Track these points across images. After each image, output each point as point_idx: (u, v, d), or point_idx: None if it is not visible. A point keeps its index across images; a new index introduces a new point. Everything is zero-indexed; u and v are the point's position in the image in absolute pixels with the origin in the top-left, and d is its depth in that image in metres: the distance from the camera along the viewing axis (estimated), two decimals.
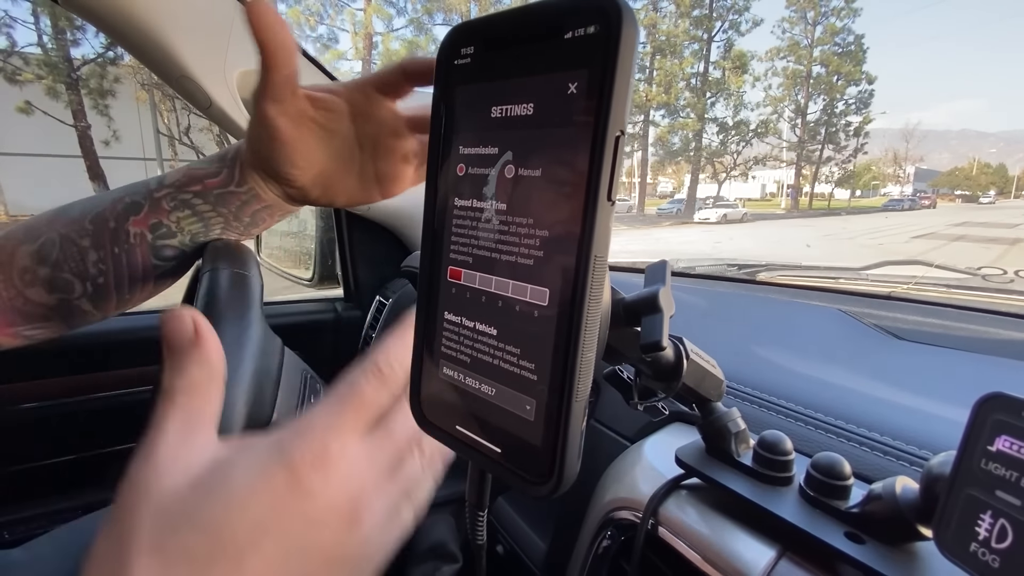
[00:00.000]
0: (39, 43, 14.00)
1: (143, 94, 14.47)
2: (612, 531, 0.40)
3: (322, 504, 0.21)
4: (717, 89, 27.09)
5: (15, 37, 13.81)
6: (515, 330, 0.24)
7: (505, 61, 0.24)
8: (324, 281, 1.19)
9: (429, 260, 0.28)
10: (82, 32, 13.92)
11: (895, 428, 0.38)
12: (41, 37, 13.99)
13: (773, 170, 41.96)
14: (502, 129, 0.24)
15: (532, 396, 0.24)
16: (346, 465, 0.22)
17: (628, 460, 0.44)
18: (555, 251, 0.22)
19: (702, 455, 0.37)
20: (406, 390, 0.25)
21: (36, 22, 13.83)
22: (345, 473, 0.22)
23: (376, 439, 0.24)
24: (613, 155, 0.20)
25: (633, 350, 0.31)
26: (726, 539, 0.32)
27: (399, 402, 0.25)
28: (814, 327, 0.66)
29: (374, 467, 0.23)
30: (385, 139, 0.44)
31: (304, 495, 0.21)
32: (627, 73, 0.20)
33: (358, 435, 0.23)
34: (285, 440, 0.22)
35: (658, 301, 0.28)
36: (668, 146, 27.94)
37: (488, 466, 0.26)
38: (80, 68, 14.10)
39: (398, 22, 20.80)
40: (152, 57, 0.70)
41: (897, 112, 74.51)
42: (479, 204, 0.26)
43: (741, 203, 30.57)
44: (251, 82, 0.78)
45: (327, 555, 0.21)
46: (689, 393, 0.35)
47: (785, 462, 0.33)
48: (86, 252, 0.45)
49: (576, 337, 0.22)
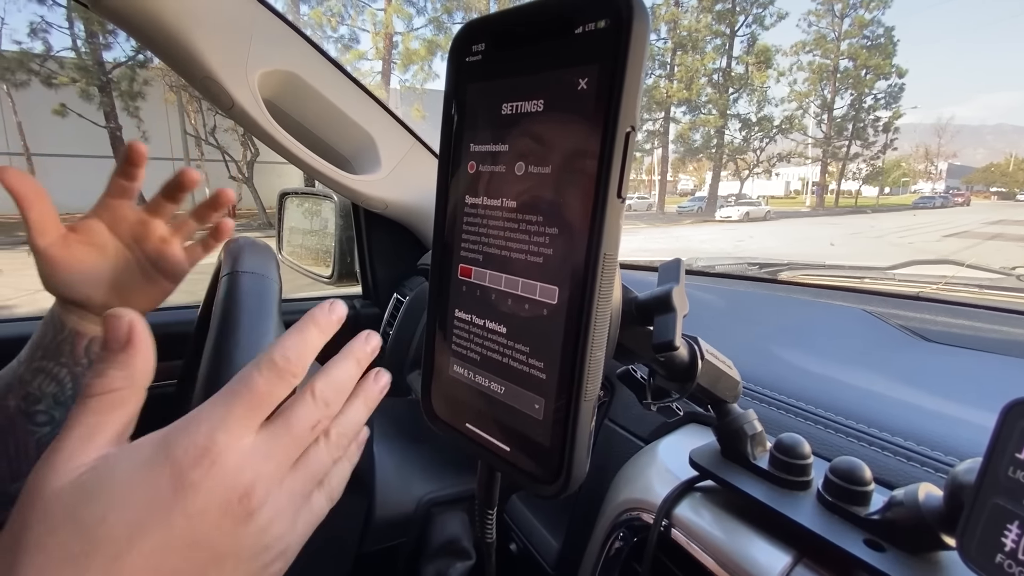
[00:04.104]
0: (73, 47, 14.46)
1: (171, 96, 14.85)
2: (624, 532, 0.39)
3: (206, 498, 0.21)
4: (740, 85, 26.58)
5: (51, 42, 14.25)
6: (524, 328, 0.24)
7: (516, 58, 0.24)
8: (343, 278, 1.21)
9: (440, 258, 0.29)
10: (114, 36, 14.34)
11: (919, 433, 0.37)
12: (75, 41, 14.45)
13: (798, 167, 41.01)
14: (513, 126, 0.24)
15: (541, 395, 0.23)
16: (235, 458, 0.22)
17: (642, 461, 0.44)
18: (564, 249, 0.22)
19: (717, 457, 0.36)
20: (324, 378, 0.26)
21: (70, 27, 14.28)
22: (234, 467, 0.22)
23: (272, 432, 0.24)
24: (623, 151, 0.20)
25: (646, 350, 0.30)
26: (740, 543, 0.32)
27: (300, 393, 0.25)
28: (836, 328, 0.64)
29: (271, 460, 0.23)
30: (138, 231, 0.52)
31: (186, 490, 0.21)
32: (638, 67, 0.20)
33: (249, 429, 0.23)
34: (170, 436, 0.22)
35: (671, 300, 0.27)
36: (689, 143, 27.52)
37: (497, 464, 0.26)
38: (112, 71, 14.53)
39: (418, 21, 20.94)
40: (177, 59, 0.71)
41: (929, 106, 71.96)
42: (489, 202, 0.26)
43: (764, 201, 29.96)
44: (272, 82, 0.79)
45: (217, 550, 0.21)
46: (704, 394, 0.35)
47: (803, 466, 0.32)
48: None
49: (585, 335, 0.21)
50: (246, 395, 0.23)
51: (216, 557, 0.21)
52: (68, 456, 0.21)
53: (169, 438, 0.22)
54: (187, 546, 0.20)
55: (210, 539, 0.21)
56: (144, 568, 0.20)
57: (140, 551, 0.20)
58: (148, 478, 0.21)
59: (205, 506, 0.21)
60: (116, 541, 0.19)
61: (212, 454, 0.21)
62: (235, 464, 0.22)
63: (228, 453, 0.22)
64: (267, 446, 0.23)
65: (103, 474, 0.21)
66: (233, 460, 0.22)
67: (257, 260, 0.49)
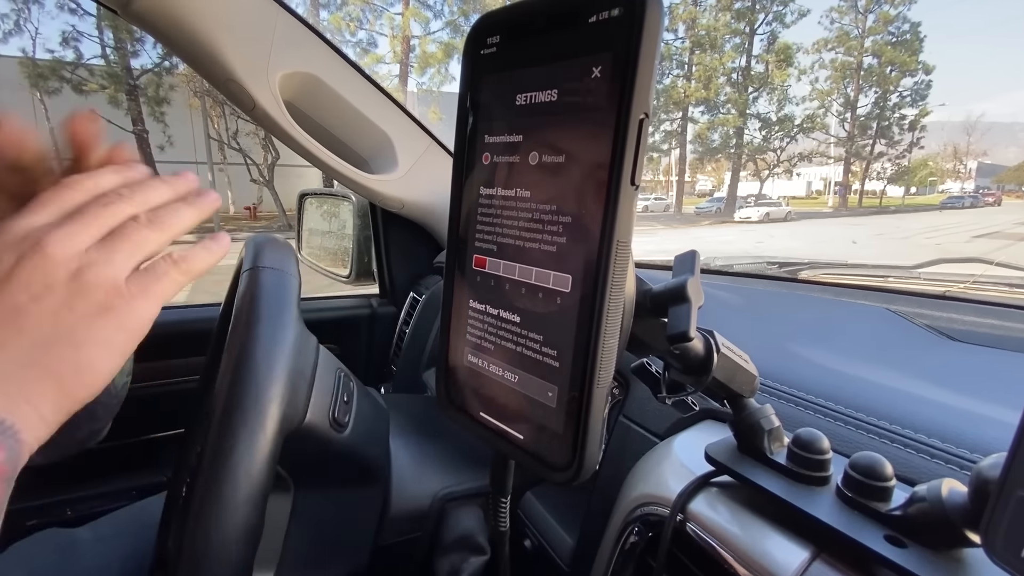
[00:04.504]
0: (103, 55, 14.92)
1: (196, 101, 15.21)
2: (639, 527, 0.39)
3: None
4: (760, 84, 26.18)
5: (81, 50, 14.74)
6: (538, 317, 0.24)
7: (529, 49, 0.24)
8: (361, 278, 1.22)
9: (455, 248, 0.29)
10: (141, 44, 14.76)
11: (942, 430, 0.36)
12: (104, 49, 14.91)
13: (820, 167, 40.19)
14: (527, 116, 0.24)
15: (554, 383, 0.24)
16: (17, 223, 0.24)
17: (657, 456, 0.44)
18: (578, 237, 0.22)
19: (734, 452, 0.36)
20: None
21: (100, 35, 14.75)
22: (16, 224, 0.24)
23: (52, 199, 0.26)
24: (637, 138, 0.20)
25: (660, 342, 0.30)
26: (757, 538, 0.31)
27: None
28: (858, 326, 0.63)
29: (49, 213, 0.25)
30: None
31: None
32: (652, 54, 0.20)
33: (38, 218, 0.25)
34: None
35: (686, 290, 0.27)
36: (707, 143, 27.19)
37: (510, 452, 0.26)
38: (139, 77, 14.96)
39: (435, 25, 21.11)
40: (201, 62, 0.73)
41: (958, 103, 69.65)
42: (504, 192, 0.26)
43: (785, 201, 29.41)
44: (292, 84, 0.81)
45: (19, 291, 0.23)
46: (720, 388, 0.34)
47: (821, 461, 0.32)
48: None
49: (598, 323, 0.21)
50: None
51: (26, 300, 0.23)
52: None
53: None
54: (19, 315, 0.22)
55: (39, 311, 0.23)
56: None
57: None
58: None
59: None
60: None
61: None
62: (17, 224, 0.24)
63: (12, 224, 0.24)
64: (44, 207, 0.25)
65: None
66: (15, 224, 0.24)
67: (277, 256, 0.50)
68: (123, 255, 0.25)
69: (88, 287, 0.24)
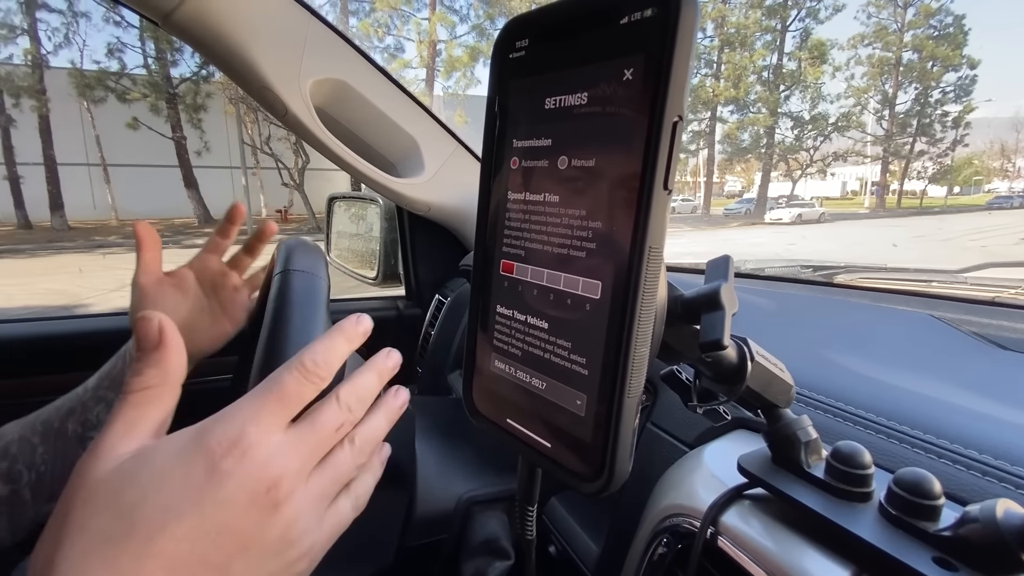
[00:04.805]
0: (144, 65, 15.59)
1: (230, 108, 15.75)
2: (668, 538, 0.38)
3: (237, 487, 0.22)
4: (792, 81, 25.50)
5: (125, 61, 15.43)
6: (566, 324, 0.24)
7: (559, 51, 0.24)
8: (387, 280, 1.24)
9: (482, 254, 0.29)
10: (180, 54, 15.37)
11: (995, 445, 0.34)
12: (147, 60, 15.58)
13: (855, 166, 38.84)
14: (556, 120, 0.24)
15: (583, 391, 0.23)
16: (264, 451, 0.23)
17: (687, 466, 0.43)
18: (608, 242, 0.22)
19: (768, 464, 0.35)
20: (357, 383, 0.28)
21: (142, 46, 15.40)
22: (263, 459, 0.23)
23: (299, 430, 0.25)
24: (671, 141, 0.20)
25: (692, 349, 0.30)
26: (793, 554, 0.30)
27: (326, 398, 0.26)
28: (900, 334, 0.60)
29: (297, 456, 0.24)
30: (217, 280, 0.63)
31: (219, 478, 0.22)
32: (686, 54, 0.19)
33: (279, 425, 0.24)
34: (206, 427, 0.23)
35: (719, 297, 0.26)
36: (737, 143, 26.62)
37: (538, 460, 0.26)
38: (178, 86, 15.57)
39: (461, 29, 21.31)
40: (236, 71, 0.75)
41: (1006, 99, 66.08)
42: (532, 197, 0.25)
43: (818, 202, 28.54)
44: (322, 90, 0.82)
45: (244, 539, 0.22)
46: (754, 397, 0.33)
47: (863, 476, 0.30)
48: (36, 447, 0.56)
49: (629, 331, 0.21)
50: (277, 393, 0.24)
51: (243, 546, 0.22)
52: (110, 447, 0.23)
53: (204, 429, 0.23)
54: (216, 532, 0.22)
55: (238, 527, 0.22)
56: (175, 552, 0.21)
57: (173, 535, 0.21)
58: (183, 466, 0.22)
59: (234, 494, 0.22)
60: (151, 524, 0.21)
61: (243, 445, 0.23)
62: (264, 456, 0.23)
63: (258, 446, 0.23)
64: (294, 443, 0.24)
65: (142, 462, 0.22)
66: (262, 453, 0.23)
67: (307, 259, 0.51)
68: (329, 522, 0.26)
69: (293, 546, 0.24)
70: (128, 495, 0.21)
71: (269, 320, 0.45)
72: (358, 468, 0.28)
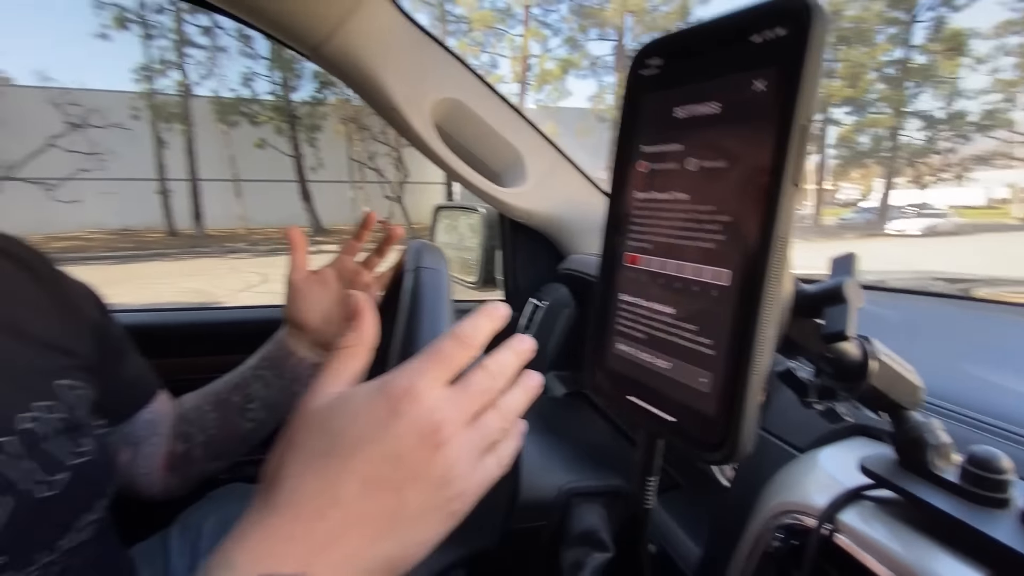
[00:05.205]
0: (272, 91, 17.61)
1: (341, 127, 17.27)
2: (782, 535, 0.39)
3: (409, 426, 0.27)
4: (922, 76, 22.72)
5: (255, 88, 17.58)
6: (693, 309, 0.27)
7: (691, 68, 0.27)
8: (487, 284, 1.31)
9: (609, 247, 0.32)
10: (300, 79, 17.16)
11: None
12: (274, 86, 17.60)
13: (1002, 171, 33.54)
14: (686, 128, 0.27)
15: (709, 369, 0.26)
16: (430, 401, 0.28)
17: (800, 468, 0.42)
18: (738, 234, 0.24)
19: (894, 466, 0.34)
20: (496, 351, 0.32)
21: (270, 74, 17.41)
22: (429, 406, 0.28)
23: (456, 388, 0.30)
24: (800, 141, 0.22)
25: (813, 343, 0.31)
26: (921, 556, 0.30)
27: (477, 365, 0.31)
28: None
29: (455, 408, 0.29)
30: (353, 278, 0.74)
31: (397, 416, 0.27)
32: (816, 67, 0.22)
33: (440, 381, 0.29)
34: (386, 379, 0.29)
35: (844, 290, 0.28)
36: (854, 147, 24.18)
37: (660, 431, 0.28)
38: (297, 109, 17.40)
39: (553, 42, 21.66)
40: (371, 95, 0.86)
41: None
42: (660, 196, 0.29)
43: (955, 212, 25.02)
44: (440, 109, 0.91)
45: (415, 469, 0.27)
46: (878, 397, 0.33)
47: (1001, 481, 0.29)
48: (207, 413, 0.69)
49: (757, 313, 0.23)
50: (437, 356, 0.30)
51: (413, 474, 0.28)
52: (323, 387, 0.30)
53: (385, 381, 0.29)
54: (395, 458, 0.27)
55: (410, 458, 0.28)
56: (365, 470, 0.27)
57: (364, 455, 0.27)
58: (371, 406, 0.28)
59: (407, 430, 0.28)
60: (349, 446, 0.27)
61: (413, 393, 0.28)
62: (430, 404, 0.28)
63: (425, 396, 0.29)
64: (453, 398, 0.30)
65: (344, 401, 0.29)
66: (428, 402, 0.29)
67: (433, 258, 0.58)
68: (479, 473, 0.30)
69: (451, 484, 0.28)
70: (334, 423, 0.28)
71: (407, 308, 0.51)
72: (502, 432, 0.32)
